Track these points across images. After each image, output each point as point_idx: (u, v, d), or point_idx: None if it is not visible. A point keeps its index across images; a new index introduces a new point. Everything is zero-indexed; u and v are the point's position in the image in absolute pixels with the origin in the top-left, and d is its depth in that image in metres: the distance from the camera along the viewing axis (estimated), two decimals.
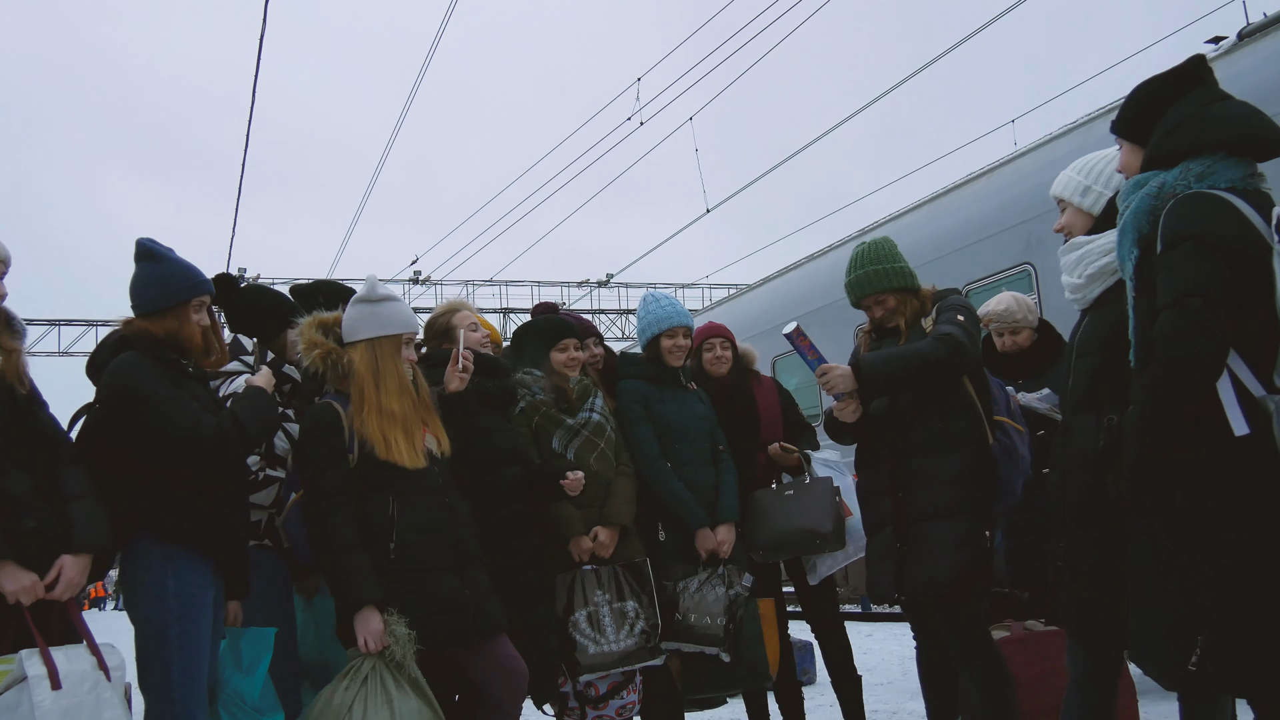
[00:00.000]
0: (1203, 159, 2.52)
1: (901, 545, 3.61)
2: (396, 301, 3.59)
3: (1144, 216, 2.54)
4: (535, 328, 4.57)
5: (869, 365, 3.56)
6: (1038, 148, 8.65)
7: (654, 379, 4.57)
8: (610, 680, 4.14)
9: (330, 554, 3.28)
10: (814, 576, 4.60)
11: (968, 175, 9.64)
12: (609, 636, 4.07)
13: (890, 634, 10.04)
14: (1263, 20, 6.71)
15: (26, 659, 2.67)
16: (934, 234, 9.11)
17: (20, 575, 2.73)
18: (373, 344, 3.48)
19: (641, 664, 4.13)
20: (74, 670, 2.72)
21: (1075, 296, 3.05)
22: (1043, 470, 4.02)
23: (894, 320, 3.81)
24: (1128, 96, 2.79)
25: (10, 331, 2.99)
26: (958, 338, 3.51)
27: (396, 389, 3.44)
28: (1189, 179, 2.51)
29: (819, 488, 4.39)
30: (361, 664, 3.20)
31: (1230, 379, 2.37)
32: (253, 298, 4.12)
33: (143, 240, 3.34)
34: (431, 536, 3.38)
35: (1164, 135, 2.61)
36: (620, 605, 4.12)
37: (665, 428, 4.46)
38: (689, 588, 4.23)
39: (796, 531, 4.36)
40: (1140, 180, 2.60)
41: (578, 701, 4.11)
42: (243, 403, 3.30)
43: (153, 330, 3.22)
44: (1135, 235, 2.56)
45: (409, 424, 3.44)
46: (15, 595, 2.72)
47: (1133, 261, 2.56)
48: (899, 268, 3.81)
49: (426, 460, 3.46)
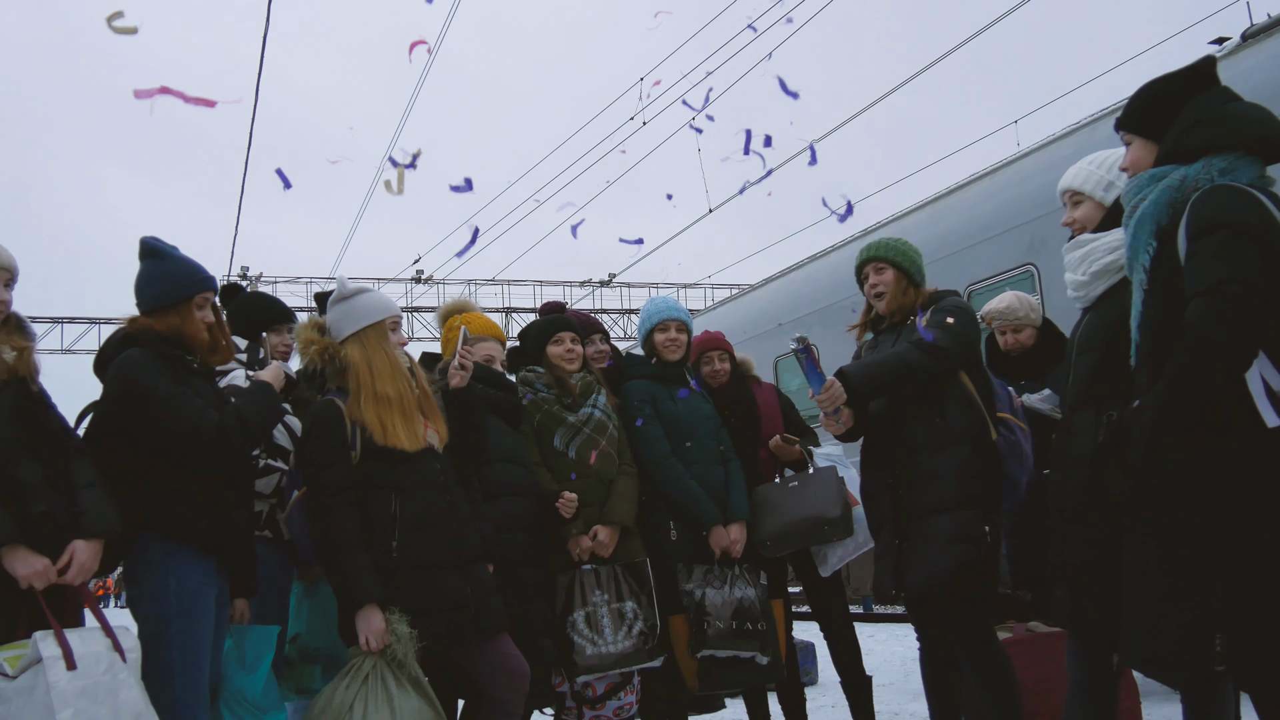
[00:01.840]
0: (1224, 155, 2.52)
1: (900, 542, 3.61)
2: (369, 292, 3.65)
3: (1164, 208, 2.53)
4: (533, 326, 4.62)
5: (853, 375, 3.60)
6: (1041, 148, 8.65)
7: (660, 378, 4.58)
8: (608, 681, 4.14)
9: (332, 552, 3.29)
10: (825, 568, 4.56)
11: (971, 176, 9.63)
12: (607, 637, 4.06)
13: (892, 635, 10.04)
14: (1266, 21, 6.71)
15: (41, 641, 2.69)
16: (937, 234, 9.10)
17: (33, 559, 2.77)
18: (359, 335, 3.53)
19: (640, 665, 4.13)
20: (89, 652, 2.74)
21: (1078, 294, 3.05)
22: (1044, 471, 4.03)
23: (885, 300, 3.87)
24: (1139, 93, 2.78)
25: (21, 332, 3.07)
26: (938, 341, 3.56)
27: (389, 373, 3.47)
28: (1212, 173, 2.51)
29: (823, 475, 4.39)
30: (363, 662, 3.20)
31: (1258, 371, 2.34)
32: (245, 301, 4.30)
33: (147, 238, 3.37)
34: (433, 534, 3.38)
35: (1184, 130, 2.60)
36: (619, 606, 4.12)
37: (674, 426, 4.47)
38: (712, 594, 4.23)
39: (804, 520, 4.36)
40: (1158, 173, 2.59)
41: (575, 702, 4.11)
42: (246, 397, 3.33)
43: (156, 327, 3.25)
44: (1154, 227, 2.54)
45: (406, 407, 3.45)
46: (28, 579, 2.76)
47: (1150, 253, 2.54)
48: (913, 257, 3.91)
49: (427, 451, 3.47)
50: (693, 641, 4.17)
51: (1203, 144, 2.56)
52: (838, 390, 3.56)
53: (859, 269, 3.99)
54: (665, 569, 4.30)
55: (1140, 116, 2.75)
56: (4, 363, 2.93)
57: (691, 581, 4.24)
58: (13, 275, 3.04)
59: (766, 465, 4.73)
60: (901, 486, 3.65)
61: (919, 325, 3.64)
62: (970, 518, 3.50)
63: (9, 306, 3.03)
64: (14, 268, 3.04)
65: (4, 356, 2.94)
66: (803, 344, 3.69)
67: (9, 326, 3.03)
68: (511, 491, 4.00)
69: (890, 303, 3.86)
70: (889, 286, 3.87)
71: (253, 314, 4.20)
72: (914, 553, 3.56)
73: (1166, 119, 2.67)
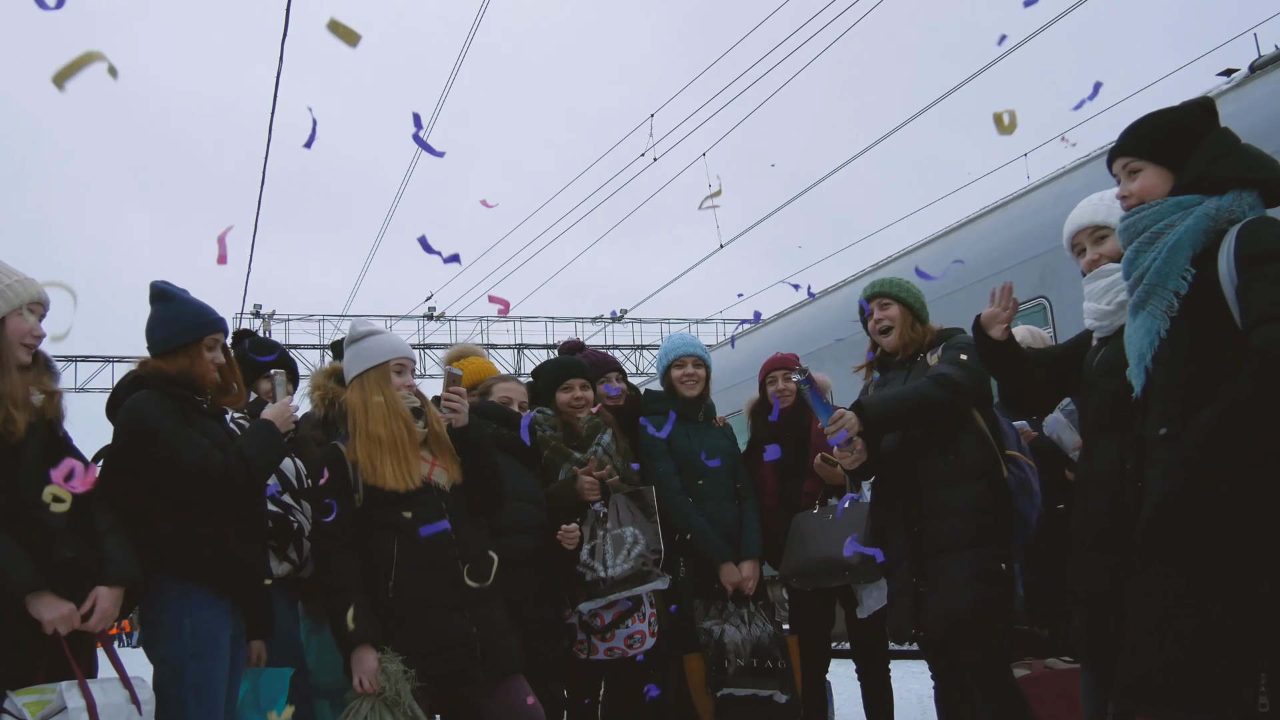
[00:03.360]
0: (1249, 190, 2.54)
1: (918, 581, 3.58)
2: (378, 334, 3.68)
3: (1200, 236, 2.52)
4: (545, 368, 4.67)
5: (871, 406, 3.57)
6: (1051, 181, 8.64)
7: (676, 415, 4.57)
8: (616, 610, 4.11)
9: (330, 593, 3.33)
10: (861, 609, 4.51)
11: (982, 209, 9.63)
12: (607, 563, 4.05)
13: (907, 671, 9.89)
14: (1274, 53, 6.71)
15: (66, 691, 2.72)
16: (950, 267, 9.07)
17: (58, 604, 2.78)
18: (361, 378, 3.56)
19: (641, 587, 4.08)
20: (110, 704, 2.77)
21: (1101, 324, 3.02)
22: (1057, 505, 3.99)
23: (894, 336, 3.86)
24: (1148, 122, 2.76)
25: (49, 373, 3.10)
26: (954, 378, 3.56)
27: (382, 415, 3.47)
28: (1244, 206, 2.52)
29: (855, 514, 4.28)
30: (360, 704, 3.22)
31: None
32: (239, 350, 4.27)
33: (156, 283, 3.42)
34: (433, 573, 3.38)
35: (1211, 161, 2.60)
36: (619, 532, 4.12)
37: (687, 463, 4.45)
38: (731, 631, 4.19)
39: (824, 560, 4.32)
40: (1184, 201, 2.58)
41: (585, 633, 4.09)
42: (248, 437, 3.34)
43: (165, 369, 3.29)
44: (1190, 253, 2.52)
45: (398, 447, 3.45)
46: (53, 624, 2.77)
47: (1188, 280, 2.51)
48: (917, 293, 3.93)
49: (429, 490, 3.47)
50: (711, 679, 4.14)
51: (1232, 177, 2.56)
52: (850, 420, 3.53)
53: (862, 307, 3.99)
54: (681, 606, 4.28)
55: (1154, 144, 2.72)
56: (32, 406, 2.95)
57: (709, 619, 4.22)
58: (45, 308, 3.06)
59: (812, 487, 4.66)
60: (916, 523, 3.63)
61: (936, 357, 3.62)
62: (987, 555, 3.48)
63: (40, 342, 3.04)
64: (47, 301, 3.06)
65: (33, 400, 2.96)
66: (805, 375, 3.70)
67: (38, 366, 3.05)
68: (519, 529, 3.99)
69: (900, 338, 3.86)
70: (896, 322, 3.87)
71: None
72: (932, 592, 3.53)
73: (1183, 149, 2.66)
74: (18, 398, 2.89)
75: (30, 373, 3.00)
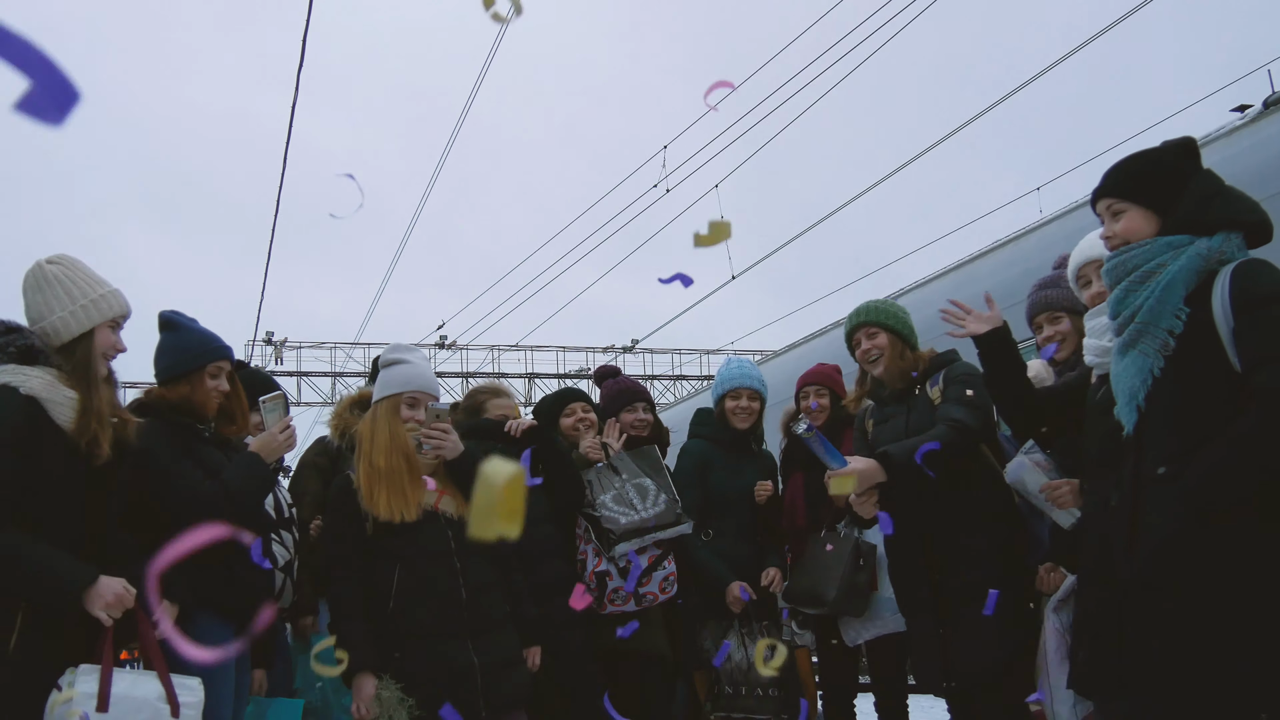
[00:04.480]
0: (1236, 232, 2.54)
1: (945, 631, 3.53)
2: (400, 364, 3.63)
3: (1193, 276, 2.52)
4: (543, 401, 4.77)
5: (897, 455, 3.46)
6: (1064, 215, 8.64)
7: (719, 441, 4.57)
8: (649, 555, 4.10)
9: (334, 621, 3.35)
10: (846, 637, 4.47)
11: (994, 242, 9.63)
12: (638, 507, 4.08)
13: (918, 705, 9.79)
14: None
15: (82, 675, 2.66)
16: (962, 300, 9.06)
17: (111, 582, 2.73)
18: (376, 406, 3.57)
19: (674, 530, 4.11)
20: (132, 696, 2.70)
21: (1104, 360, 3.00)
22: None
23: (882, 365, 3.81)
24: (1132, 163, 2.75)
25: (115, 394, 3.05)
26: (966, 423, 3.53)
27: (385, 446, 3.46)
28: (1232, 248, 2.52)
29: (845, 548, 4.27)
30: None
31: None
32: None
33: (164, 312, 3.46)
34: (434, 601, 3.35)
35: (1199, 202, 2.60)
36: (639, 481, 4.16)
37: (713, 496, 4.43)
38: (735, 657, 4.16)
39: (804, 588, 4.31)
40: (1174, 241, 2.57)
41: (621, 578, 4.06)
42: (233, 468, 3.33)
43: (168, 396, 3.32)
44: (1184, 293, 2.52)
45: (398, 479, 3.42)
46: (108, 609, 2.71)
47: (1182, 320, 2.51)
48: (904, 319, 3.89)
49: (433, 519, 3.45)
50: (709, 702, 4.14)
51: (1222, 218, 2.56)
52: (865, 465, 3.45)
53: (849, 335, 3.94)
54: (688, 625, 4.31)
55: (1138, 185, 2.71)
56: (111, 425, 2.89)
57: (709, 640, 4.20)
58: (125, 318, 3.01)
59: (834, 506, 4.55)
60: (936, 570, 3.57)
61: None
62: (1014, 601, 3.45)
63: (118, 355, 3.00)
64: (128, 310, 3.01)
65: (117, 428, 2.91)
66: (809, 425, 3.62)
67: (110, 386, 2.98)
68: (548, 555, 4.02)
69: (889, 367, 3.81)
70: (884, 351, 3.82)
71: None
72: (962, 640, 3.48)
73: (1166, 190, 2.65)
74: (104, 414, 2.85)
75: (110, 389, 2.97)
